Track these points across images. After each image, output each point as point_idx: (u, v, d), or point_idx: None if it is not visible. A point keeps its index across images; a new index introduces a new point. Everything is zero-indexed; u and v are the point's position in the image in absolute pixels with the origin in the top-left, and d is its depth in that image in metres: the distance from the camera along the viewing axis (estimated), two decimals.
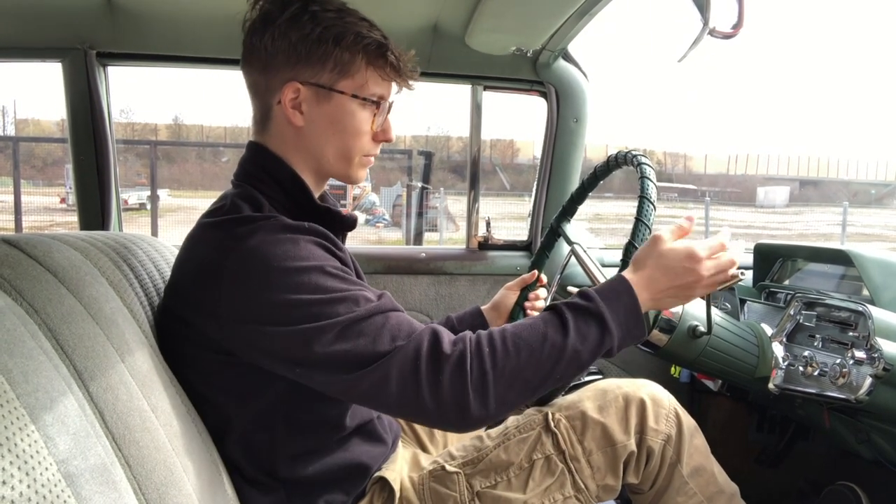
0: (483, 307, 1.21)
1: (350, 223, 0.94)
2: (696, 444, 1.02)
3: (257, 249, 0.75)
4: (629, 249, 0.89)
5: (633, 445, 0.99)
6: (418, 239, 6.49)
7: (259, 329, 0.75)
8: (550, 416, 1.01)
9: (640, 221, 0.91)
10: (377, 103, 0.88)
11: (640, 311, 0.81)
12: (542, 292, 1.23)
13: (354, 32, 0.84)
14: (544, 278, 1.23)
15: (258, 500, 0.87)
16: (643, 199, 0.92)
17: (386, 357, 0.72)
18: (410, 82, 0.91)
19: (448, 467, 0.99)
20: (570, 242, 1.20)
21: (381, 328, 0.74)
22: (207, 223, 0.83)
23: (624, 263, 0.89)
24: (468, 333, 0.76)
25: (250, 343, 0.77)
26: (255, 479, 0.87)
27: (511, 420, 1.04)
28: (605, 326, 0.78)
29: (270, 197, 0.87)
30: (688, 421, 1.03)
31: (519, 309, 1.22)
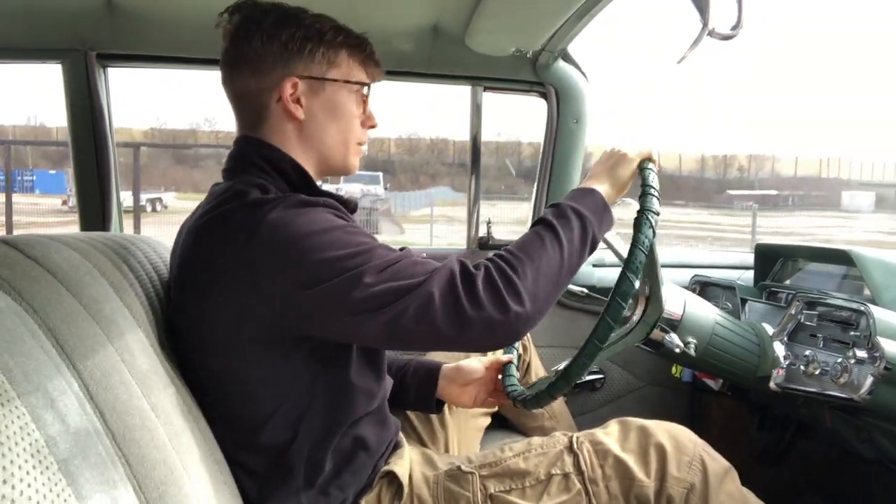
0: (445, 366, 1.16)
1: (352, 207, 0.96)
2: (728, 491, 0.95)
3: (280, 223, 0.79)
4: (636, 241, 0.90)
5: (652, 488, 0.95)
6: None
7: (303, 291, 0.77)
8: (575, 439, 1.01)
9: (646, 209, 0.91)
10: (366, 86, 0.97)
11: (600, 196, 0.94)
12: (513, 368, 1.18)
13: (333, 27, 0.93)
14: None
15: (262, 496, 0.88)
16: (645, 186, 0.94)
17: (425, 281, 0.78)
18: (381, 73, 1.01)
19: (464, 468, 0.99)
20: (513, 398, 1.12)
21: (414, 264, 0.81)
22: (219, 213, 0.83)
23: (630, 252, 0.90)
24: (482, 259, 0.84)
25: (299, 306, 0.79)
26: (268, 467, 0.88)
27: (535, 438, 1.04)
28: (581, 214, 0.90)
29: (274, 185, 0.88)
30: (716, 467, 0.97)
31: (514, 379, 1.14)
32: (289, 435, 0.88)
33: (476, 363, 1.16)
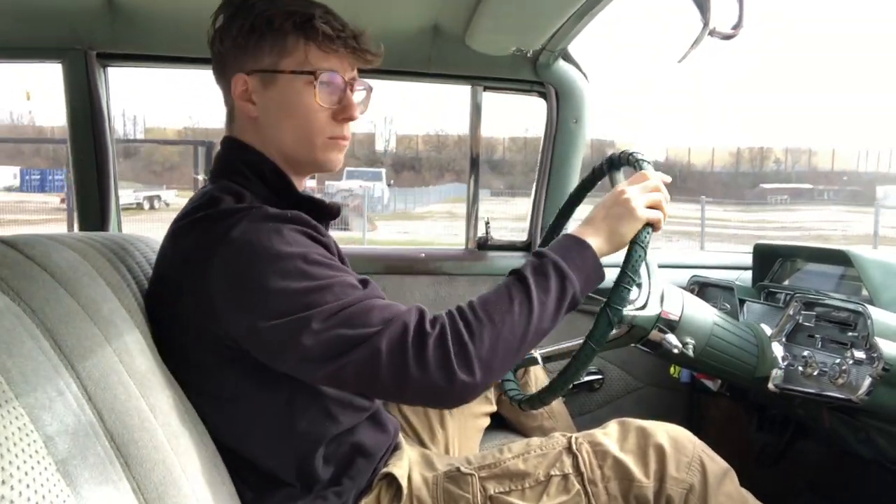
0: None
1: (333, 212, 0.94)
2: (727, 492, 0.95)
3: (242, 240, 0.76)
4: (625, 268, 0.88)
5: (651, 489, 0.95)
6: None
7: (253, 322, 0.75)
8: (574, 440, 1.01)
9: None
10: (314, 75, 0.86)
11: (592, 251, 0.85)
12: None
13: (285, 11, 0.85)
14: None
15: (260, 498, 0.87)
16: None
17: (376, 334, 0.73)
18: (364, 54, 0.89)
19: (463, 469, 0.99)
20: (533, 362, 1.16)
21: (370, 310, 0.76)
22: (191, 220, 0.83)
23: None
24: (443, 312, 0.78)
25: (248, 336, 0.77)
26: (260, 476, 0.87)
27: (534, 439, 1.04)
28: (563, 273, 0.82)
29: (252, 191, 0.87)
30: (715, 467, 0.96)
31: None
32: (274, 449, 0.87)
33: None
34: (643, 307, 1.07)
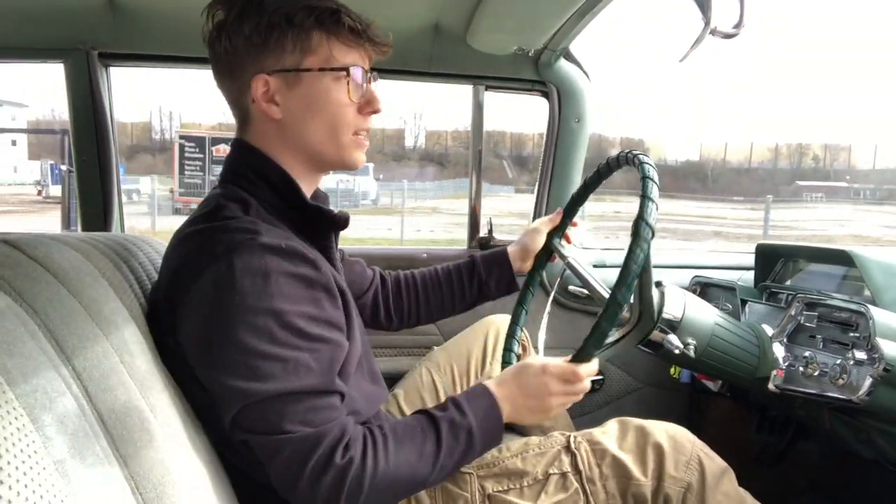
0: (510, 248, 1.25)
1: (342, 222, 0.93)
2: (725, 491, 0.95)
3: (226, 276, 0.75)
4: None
5: (649, 488, 0.95)
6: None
7: (205, 363, 0.78)
8: (572, 438, 1.01)
9: (641, 219, 0.87)
10: (346, 70, 0.85)
11: (501, 423, 0.90)
12: (573, 232, 1.27)
13: (304, 7, 0.82)
14: (578, 223, 1.26)
15: (259, 499, 0.88)
16: (645, 198, 0.89)
17: (286, 436, 0.75)
18: (381, 47, 0.89)
19: (462, 468, 0.98)
20: (563, 257, 1.21)
21: (297, 407, 0.76)
22: (194, 229, 0.82)
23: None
24: (360, 438, 0.79)
25: (199, 371, 0.79)
26: (249, 483, 0.87)
27: (533, 438, 1.04)
28: (472, 441, 0.87)
29: (258, 197, 0.86)
30: (713, 466, 0.96)
31: (546, 258, 1.24)
32: (256, 460, 0.85)
33: (538, 237, 1.23)
34: (629, 332, 1.07)
